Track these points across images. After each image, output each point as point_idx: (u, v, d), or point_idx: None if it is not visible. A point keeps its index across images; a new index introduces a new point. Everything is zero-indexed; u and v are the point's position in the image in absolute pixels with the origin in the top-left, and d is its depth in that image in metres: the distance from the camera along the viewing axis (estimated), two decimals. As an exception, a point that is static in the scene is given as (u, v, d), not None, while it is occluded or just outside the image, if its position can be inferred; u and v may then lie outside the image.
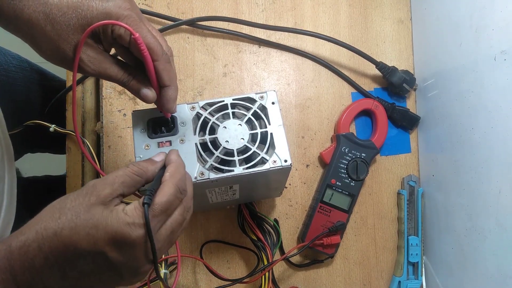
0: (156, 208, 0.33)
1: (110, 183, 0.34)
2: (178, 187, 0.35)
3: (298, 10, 0.69)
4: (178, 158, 0.39)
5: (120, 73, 0.40)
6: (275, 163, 0.46)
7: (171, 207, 0.35)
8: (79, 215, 0.31)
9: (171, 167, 0.37)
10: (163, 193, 0.34)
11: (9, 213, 0.53)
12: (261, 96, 0.49)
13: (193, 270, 0.62)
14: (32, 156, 0.85)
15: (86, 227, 0.31)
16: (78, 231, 0.31)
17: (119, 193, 0.34)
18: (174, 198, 0.35)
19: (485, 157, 0.52)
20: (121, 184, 0.34)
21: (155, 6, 0.67)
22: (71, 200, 0.33)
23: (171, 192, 0.35)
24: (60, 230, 0.31)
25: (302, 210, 0.66)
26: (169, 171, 0.37)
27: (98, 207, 0.32)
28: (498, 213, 0.50)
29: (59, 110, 0.66)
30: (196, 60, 0.66)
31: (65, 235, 0.31)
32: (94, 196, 0.32)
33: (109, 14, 0.37)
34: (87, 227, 0.31)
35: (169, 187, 0.35)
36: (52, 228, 0.31)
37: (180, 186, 0.36)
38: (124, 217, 0.32)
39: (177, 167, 0.37)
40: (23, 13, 0.36)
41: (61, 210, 0.32)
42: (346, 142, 0.64)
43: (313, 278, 0.65)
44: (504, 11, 0.49)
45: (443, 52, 0.62)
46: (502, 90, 0.49)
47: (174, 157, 0.39)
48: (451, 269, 0.59)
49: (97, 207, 0.32)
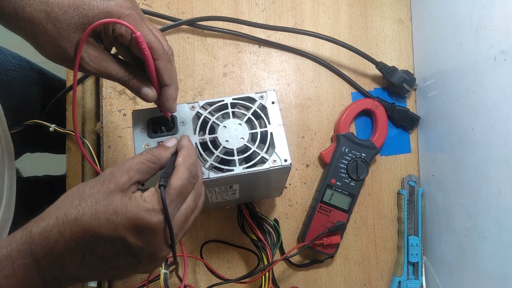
0: (172, 192, 0.34)
1: (126, 170, 0.34)
2: (191, 172, 0.36)
3: (298, 10, 0.69)
4: (189, 143, 0.40)
5: (121, 72, 0.40)
6: (275, 162, 0.46)
7: (185, 191, 0.35)
8: (99, 202, 0.32)
9: (183, 152, 0.38)
10: (177, 176, 0.35)
11: (8, 211, 0.53)
12: (261, 96, 0.49)
13: (193, 270, 0.62)
14: (32, 156, 0.85)
15: (106, 213, 0.32)
16: (99, 217, 0.31)
17: (136, 180, 0.34)
18: (188, 183, 0.35)
19: (485, 157, 0.52)
20: (137, 171, 0.35)
21: (155, 6, 0.67)
22: (89, 187, 0.33)
23: (185, 176, 0.35)
24: (81, 216, 0.32)
25: (302, 210, 0.66)
26: (181, 155, 0.37)
27: (117, 194, 0.33)
28: (498, 213, 0.50)
29: (59, 110, 0.66)
30: (196, 60, 0.66)
31: (86, 221, 0.31)
32: (112, 184, 0.33)
33: (110, 13, 0.37)
34: (107, 213, 0.32)
35: (183, 171, 0.36)
36: (72, 214, 0.32)
37: (193, 170, 0.37)
38: (143, 204, 0.32)
39: (188, 152, 0.38)
40: (24, 11, 0.36)
41: (81, 197, 0.33)
42: (346, 142, 0.64)
43: (313, 278, 0.65)
44: (504, 11, 0.49)
45: (443, 52, 0.62)
46: (502, 90, 0.49)
47: (186, 143, 0.39)
48: (451, 269, 0.59)
49: (116, 194, 0.33)
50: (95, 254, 0.33)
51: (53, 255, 0.32)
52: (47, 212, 0.33)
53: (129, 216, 0.32)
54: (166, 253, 0.35)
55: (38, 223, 0.32)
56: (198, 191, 0.38)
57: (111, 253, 0.33)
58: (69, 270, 0.33)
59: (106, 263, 0.33)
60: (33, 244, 0.32)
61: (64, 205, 0.33)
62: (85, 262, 0.33)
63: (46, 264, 0.32)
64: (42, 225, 0.32)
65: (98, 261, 0.33)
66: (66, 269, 0.32)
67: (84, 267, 0.33)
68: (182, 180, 0.35)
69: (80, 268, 0.33)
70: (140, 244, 0.32)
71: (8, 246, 0.32)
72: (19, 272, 0.31)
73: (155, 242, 0.33)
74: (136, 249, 0.33)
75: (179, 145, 0.39)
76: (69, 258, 0.32)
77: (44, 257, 0.32)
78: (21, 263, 0.31)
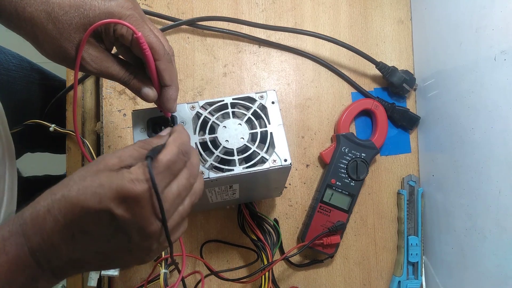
0: (158, 165, 0.34)
1: (118, 155, 0.35)
2: (180, 149, 0.36)
3: (298, 10, 0.69)
4: (182, 128, 0.40)
5: (122, 72, 0.40)
6: (275, 162, 0.46)
7: (175, 166, 0.35)
8: (86, 178, 0.32)
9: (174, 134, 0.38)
10: (165, 152, 0.35)
11: (10, 210, 0.53)
12: (261, 96, 0.49)
13: (193, 270, 0.62)
14: (32, 156, 0.85)
15: (92, 187, 0.32)
16: (85, 191, 0.32)
17: (127, 163, 0.34)
18: (177, 158, 0.35)
19: (485, 157, 0.52)
20: (129, 156, 0.35)
21: (155, 6, 0.67)
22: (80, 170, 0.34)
23: (174, 151, 0.35)
24: (68, 192, 0.32)
25: (302, 210, 0.66)
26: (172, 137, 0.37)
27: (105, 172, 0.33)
28: (498, 213, 0.50)
29: (59, 110, 0.66)
30: (196, 60, 0.66)
31: (73, 196, 0.32)
32: (101, 164, 0.33)
33: (111, 14, 0.37)
34: (93, 187, 0.32)
35: (171, 147, 0.35)
36: (60, 192, 0.32)
37: (183, 148, 0.36)
38: (128, 175, 0.32)
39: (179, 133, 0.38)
40: (25, 11, 0.36)
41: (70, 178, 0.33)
42: (346, 142, 0.64)
43: (313, 278, 0.65)
44: (504, 11, 0.49)
45: (443, 52, 0.62)
46: (502, 90, 0.49)
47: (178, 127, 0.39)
48: (451, 269, 0.59)
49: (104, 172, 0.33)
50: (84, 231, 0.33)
51: (43, 234, 0.32)
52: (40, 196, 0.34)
53: (113, 187, 0.31)
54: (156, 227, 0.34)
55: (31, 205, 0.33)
56: (192, 171, 0.37)
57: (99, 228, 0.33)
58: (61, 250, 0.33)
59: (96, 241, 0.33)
60: (25, 224, 0.32)
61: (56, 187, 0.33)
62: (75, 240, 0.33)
63: (37, 244, 0.32)
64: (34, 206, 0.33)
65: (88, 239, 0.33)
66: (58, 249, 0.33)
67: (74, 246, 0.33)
68: (171, 155, 0.35)
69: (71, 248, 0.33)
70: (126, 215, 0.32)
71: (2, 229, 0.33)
72: (10, 251, 0.32)
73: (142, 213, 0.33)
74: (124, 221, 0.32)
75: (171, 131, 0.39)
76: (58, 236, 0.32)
77: (35, 236, 0.32)
78: (12, 242, 0.32)
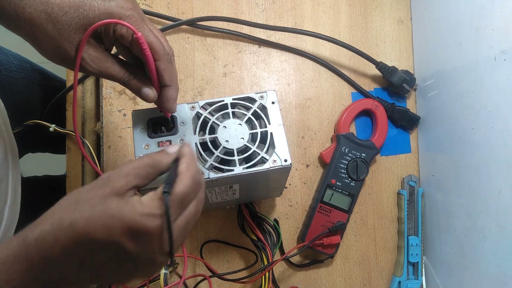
0: (174, 199, 0.33)
1: (124, 174, 0.33)
2: (194, 179, 0.35)
3: (298, 10, 0.69)
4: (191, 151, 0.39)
5: (122, 72, 0.40)
6: (275, 162, 0.46)
7: (188, 198, 0.34)
8: (94, 206, 0.31)
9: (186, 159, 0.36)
10: (181, 184, 0.34)
11: (13, 212, 0.53)
12: (261, 96, 0.49)
13: (193, 270, 0.62)
14: (32, 156, 0.85)
15: (102, 218, 0.31)
16: (94, 222, 0.30)
17: (133, 184, 0.33)
18: (191, 190, 0.34)
19: (485, 157, 0.52)
20: (135, 176, 0.34)
21: (155, 6, 0.67)
22: (85, 192, 0.33)
23: (189, 183, 0.34)
24: (76, 222, 0.31)
25: (302, 210, 0.66)
26: (185, 163, 0.36)
27: (113, 198, 0.32)
28: (498, 213, 0.50)
29: (59, 110, 0.66)
30: (196, 60, 0.66)
31: (81, 226, 0.30)
32: (108, 188, 0.32)
33: (111, 14, 0.37)
34: (102, 217, 0.31)
35: (187, 178, 0.34)
36: (67, 219, 0.31)
37: (196, 178, 0.35)
38: (140, 208, 0.31)
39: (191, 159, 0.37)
40: (25, 12, 0.36)
41: (76, 202, 0.32)
42: (346, 142, 0.64)
43: (313, 278, 0.65)
44: (504, 11, 0.49)
45: (443, 52, 0.62)
46: (502, 90, 0.49)
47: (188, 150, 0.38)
48: (451, 269, 0.59)
49: (112, 198, 0.32)
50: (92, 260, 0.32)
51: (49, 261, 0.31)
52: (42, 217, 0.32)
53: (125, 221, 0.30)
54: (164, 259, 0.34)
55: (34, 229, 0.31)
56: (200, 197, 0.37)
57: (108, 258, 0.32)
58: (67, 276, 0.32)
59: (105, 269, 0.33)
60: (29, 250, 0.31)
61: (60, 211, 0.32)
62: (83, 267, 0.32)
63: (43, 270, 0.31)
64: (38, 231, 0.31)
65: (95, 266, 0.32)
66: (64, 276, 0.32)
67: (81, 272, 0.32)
68: (186, 188, 0.34)
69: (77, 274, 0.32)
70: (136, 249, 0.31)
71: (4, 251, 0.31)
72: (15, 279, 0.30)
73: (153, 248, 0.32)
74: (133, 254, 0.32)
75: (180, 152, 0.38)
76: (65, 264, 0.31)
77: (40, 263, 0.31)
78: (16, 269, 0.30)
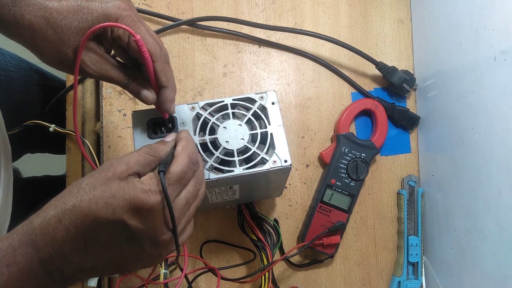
0: (171, 176, 0.34)
1: (125, 161, 0.35)
2: (190, 158, 0.37)
3: (298, 10, 0.69)
4: (188, 135, 0.41)
5: (121, 76, 0.41)
6: (275, 163, 0.46)
7: (186, 176, 0.36)
8: (97, 187, 0.33)
9: (182, 142, 0.38)
10: (177, 163, 0.36)
11: (5, 212, 0.53)
12: (261, 96, 0.49)
13: (193, 270, 0.62)
14: (32, 156, 0.85)
15: (104, 197, 0.32)
16: (97, 201, 0.32)
17: (134, 170, 0.35)
18: (188, 169, 0.36)
19: (485, 157, 0.52)
20: (135, 162, 0.35)
21: (155, 6, 0.67)
22: (87, 177, 0.34)
23: (184, 162, 0.36)
24: (79, 202, 0.32)
25: (302, 210, 0.66)
26: (180, 145, 0.38)
27: (115, 181, 0.33)
28: (498, 213, 0.50)
29: (59, 110, 0.66)
30: (196, 60, 0.66)
31: (84, 206, 0.32)
32: (110, 172, 0.34)
33: (109, 15, 0.37)
34: (105, 197, 0.32)
35: (183, 158, 0.36)
36: (71, 201, 0.32)
37: (193, 157, 0.37)
38: (140, 185, 0.33)
39: (187, 141, 0.39)
40: (24, 18, 0.36)
41: (79, 186, 0.33)
42: (346, 142, 0.64)
43: (313, 278, 0.65)
44: (504, 11, 0.49)
45: (443, 52, 0.62)
46: (502, 90, 0.49)
47: (184, 134, 0.40)
48: (451, 269, 0.59)
49: (114, 181, 0.33)
50: (96, 241, 0.33)
51: (54, 244, 0.32)
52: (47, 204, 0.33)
53: (126, 198, 0.32)
54: (167, 237, 0.34)
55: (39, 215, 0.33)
56: (199, 178, 0.38)
57: (112, 238, 0.33)
58: (72, 259, 0.33)
59: (109, 251, 0.33)
60: (34, 234, 0.32)
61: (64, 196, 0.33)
62: (87, 250, 0.33)
63: (48, 254, 0.32)
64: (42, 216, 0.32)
65: (100, 248, 0.33)
66: (69, 259, 0.32)
67: (87, 256, 0.33)
68: (182, 166, 0.35)
69: (83, 257, 0.33)
70: (139, 226, 0.32)
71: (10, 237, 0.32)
72: (20, 261, 0.31)
73: (154, 224, 0.33)
74: (136, 232, 0.33)
75: (177, 138, 0.40)
76: (70, 246, 0.32)
77: (45, 246, 0.32)
78: (22, 252, 0.31)
